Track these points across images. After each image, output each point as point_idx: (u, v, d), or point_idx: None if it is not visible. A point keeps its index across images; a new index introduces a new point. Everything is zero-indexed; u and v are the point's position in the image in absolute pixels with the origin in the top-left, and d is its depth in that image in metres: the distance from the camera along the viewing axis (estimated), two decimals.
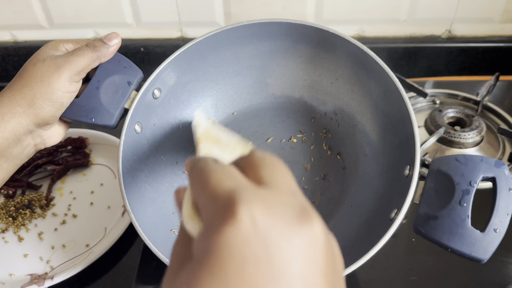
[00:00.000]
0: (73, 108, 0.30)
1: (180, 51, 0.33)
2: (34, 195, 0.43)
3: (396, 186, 0.29)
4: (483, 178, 0.25)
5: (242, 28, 0.33)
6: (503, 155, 0.44)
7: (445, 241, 0.24)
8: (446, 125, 0.45)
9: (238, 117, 0.38)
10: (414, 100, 0.52)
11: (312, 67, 0.36)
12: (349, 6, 0.55)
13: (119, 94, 0.31)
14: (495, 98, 0.53)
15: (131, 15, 0.57)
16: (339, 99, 0.36)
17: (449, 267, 0.34)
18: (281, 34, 0.34)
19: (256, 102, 0.38)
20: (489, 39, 0.58)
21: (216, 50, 0.35)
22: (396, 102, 0.30)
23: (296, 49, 0.36)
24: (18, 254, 0.37)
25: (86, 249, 0.37)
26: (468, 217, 0.24)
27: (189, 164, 0.15)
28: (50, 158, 0.45)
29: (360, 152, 0.35)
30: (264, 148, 0.37)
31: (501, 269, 0.34)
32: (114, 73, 0.31)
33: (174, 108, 0.35)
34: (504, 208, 0.24)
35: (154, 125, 0.34)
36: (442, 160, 0.26)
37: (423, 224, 0.25)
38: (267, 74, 0.37)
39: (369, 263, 0.34)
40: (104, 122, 0.30)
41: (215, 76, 0.37)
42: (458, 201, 0.24)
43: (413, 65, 0.59)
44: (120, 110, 0.31)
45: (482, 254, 0.23)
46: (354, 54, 0.33)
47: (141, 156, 0.33)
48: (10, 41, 0.60)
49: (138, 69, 0.32)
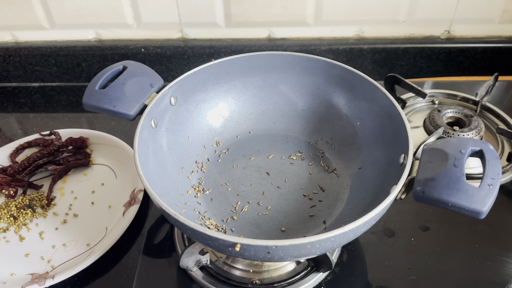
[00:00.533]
0: (98, 95, 0.33)
1: (199, 68, 0.38)
2: (35, 195, 0.43)
3: (392, 176, 0.30)
4: (472, 151, 0.27)
5: (253, 58, 0.40)
6: (502, 155, 0.45)
7: (444, 196, 0.25)
8: (445, 125, 0.46)
9: (241, 140, 0.42)
10: (413, 101, 0.52)
11: (311, 98, 0.41)
12: (349, 7, 0.55)
13: (142, 91, 0.34)
14: (494, 98, 0.53)
15: (132, 16, 0.57)
16: (333, 127, 0.40)
17: (448, 267, 0.34)
18: (285, 67, 0.40)
19: (259, 127, 0.42)
20: (488, 39, 0.58)
21: (228, 76, 0.40)
22: (386, 107, 0.33)
23: (297, 82, 0.41)
24: (19, 253, 0.37)
25: (87, 249, 0.37)
26: (463, 175, 0.25)
27: None
28: (51, 158, 0.45)
29: (356, 166, 0.37)
30: (266, 162, 0.39)
31: (500, 268, 0.34)
32: (139, 75, 0.36)
33: (186, 119, 0.39)
34: (494, 169, 0.26)
35: (167, 128, 0.37)
36: (433, 142, 0.29)
37: (422, 186, 0.26)
38: (269, 104, 0.42)
39: (369, 263, 0.35)
40: (125, 110, 0.33)
41: (224, 100, 0.41)
42: (453, 164, 0.26)
43: (412, 66, 0.60)
44: (140, 104, 0.34)
45: (480, 205, 0.24)
46: (347, 80, 0.38)
47: (152, 148, 0.34)
48: (11, 41, 0.60)
49: (160, 77, 0.37)
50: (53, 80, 0.62)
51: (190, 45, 0.58)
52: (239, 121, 0.42)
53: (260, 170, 0.38)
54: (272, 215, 0.35)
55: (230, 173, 0.38)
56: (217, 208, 0.35)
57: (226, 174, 0.38)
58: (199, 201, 0.36)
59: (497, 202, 0.40)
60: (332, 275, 0.33)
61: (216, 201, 0.36)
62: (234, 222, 0.34)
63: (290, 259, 0.25)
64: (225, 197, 0.36)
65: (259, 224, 0.34)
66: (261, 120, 0.42)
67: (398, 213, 0.39)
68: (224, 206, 0.35)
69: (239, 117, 0.42)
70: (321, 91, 0.40)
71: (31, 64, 0.60)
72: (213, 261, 0.34)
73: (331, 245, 0.25)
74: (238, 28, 0.58)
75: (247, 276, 0.33)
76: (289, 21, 0.57)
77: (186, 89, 0.38)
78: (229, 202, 0.36)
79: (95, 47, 0.59)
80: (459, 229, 0.37)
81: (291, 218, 0.34)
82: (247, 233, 0.33)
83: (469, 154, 0.27)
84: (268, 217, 0.34)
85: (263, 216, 0.35)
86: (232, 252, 0.24)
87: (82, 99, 0.34)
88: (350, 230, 0.24)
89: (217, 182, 0.37)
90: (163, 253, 0.35)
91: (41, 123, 0.54)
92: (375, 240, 0.36)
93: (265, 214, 0.35)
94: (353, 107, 0.38)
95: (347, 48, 0.58)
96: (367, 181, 0.34)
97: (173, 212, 0.25)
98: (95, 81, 0.34)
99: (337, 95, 0.39)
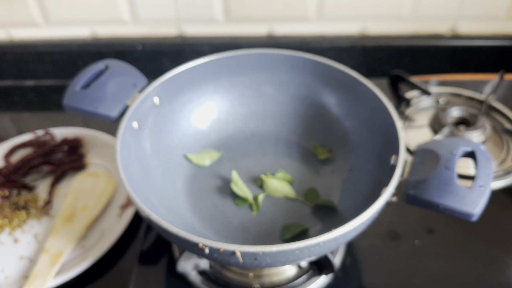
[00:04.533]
0: (79, 97, 0.32)
1: (184, 68, 0.36)
2: (30, 196, 0.42)
3: (384, 178, 0.29)
4: (463, 151, 0.27)
5: (240, 58, 0.38)
6: (507, 155, 0.44)
7: (436, 199, 0.24)
8: (450, 124, 0.45)
9: (229, 141, 0.40)
10: (418, 99, 0.51)
11: (301, 98, 0.40)
12: (352, 3, 0.54)
13: (124, 91, 0.33)
14: (500, 97, 0.52)
15: (128, 11, 0.56)
16: (323, 128, 0.39)
17: (453, 270, 0.33)
18: (273, 66, 0.39)
19: (248, 128, 0.41)
20: (494, 37, 0.57)
21: (215, 75, 0.39)
22: (381, 113, 0.33)
23: (287, 81, 0.40)
24: (14, 255, 0.37)
25: (83, 252, 0.36)
26: (454, 177, 0.25)
27: None
28: (46, 159, 0.44)
29: (347, 167, 0.36)
30: (255, 164, 0.39)
31: (506, 271, 0.33)
32: (121, 75, 0.34)
33: (171, 121, 0.37)
34: (486, 171, 0.26)
35: (151, 130, 0.35)
36: (426, 143, 0.29)
37: (413, 188, 0.26)
38: (258, 104, 0.41)
39: (373, 266, 0.34)
40: (107, 112, 0.32)
41: (211, 100, 0.40)
42: (444, 166, 0.26)
43: (416, 63, 0.59)
44: (122, 105, 0.33)
45: (472, 208, 0.24)
46: (337, 79, 0.37)
47: (135, 151, 0.33)
48: (5, 39, 0.59)
49: (143, 76, 0.35)
50: (48, 78, 0.61)
51: (188, 42, 0.57)
52: (227, 122, 0.41)
53: (249, 173, 0.37)
54: (261, 219, 0.34)
55: (218, 176, 0.37)
56: (203, 212, 0.34)
57: (213, 177, 0.37)
58: (185, 205, 0.35)
59: (503, 204, 0.39)
60: (334, 279, 0.33)
61: (203, 205, 0.35)
62: (221, 227, 0.33)
63: (279, 264, 0.24)
64: (212, 201, 0.35)
65: (247, 229, 0.33)
66: (250, 120, 0.41)
67: (402, 215, 0.38)
68: (211, 210, 0.34)
69: (227, 118, 0.41)
70: (311, 91, 0.39)
71: (26, 62, 0.59)
72: (212, 265, 0.33)
73: (320, 250, 0.24)
74: (237, 24, 0.57)
75: (247, 280, 0.32)
76: (290, 17, 0.56)
77: (171, 89, 0.36)
78: (216, 206, 0.35)
79: (91, 44, 0.57)
80: (464, 232, 0.36)
81: (281, 222, 0.33)
82: (235, 238, 0.32)
83: (461, 155, 0.27)
84: (257, 222, 0.33)
85: (252, 221, 0.34)
86: (219, 259, 0.23)
87: (63, 100, 0.33)
88: (340, 235, 0.23)
89: (204, 186, 0.36)
90: (161, 256, 0.35)
91: (35, 122, 0.53)
92: (378, 243, 0.35)
93: (253, 219, 0.34)
94: (344, 107, 0.37)
95: (349, 46, 0.57)
96: (359, 183, 0.34)
97: (156, 218, 0.24)
98: (76, 81, 0.33)
99: (327, 95, 0.38)
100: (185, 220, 0.33)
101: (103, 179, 0.42)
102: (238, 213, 0.34)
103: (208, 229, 0.33)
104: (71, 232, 0.37)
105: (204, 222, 0.34)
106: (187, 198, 0.35)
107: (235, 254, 0.22)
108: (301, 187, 0.36)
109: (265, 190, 0.36)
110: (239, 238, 0.32)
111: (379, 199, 0.25)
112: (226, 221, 0.34)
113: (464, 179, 0.40)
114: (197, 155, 0.38)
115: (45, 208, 0.41)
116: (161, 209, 0.31)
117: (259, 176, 0.37)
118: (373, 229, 0.36)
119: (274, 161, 0.39)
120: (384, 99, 0.32)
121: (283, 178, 0.36)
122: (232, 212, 0.34)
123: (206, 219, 0.34)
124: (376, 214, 0.25)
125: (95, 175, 0.43)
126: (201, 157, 0.38)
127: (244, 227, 0.33)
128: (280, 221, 0.34)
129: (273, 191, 0.35)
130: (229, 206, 0.35)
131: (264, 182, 0.36)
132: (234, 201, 0.35)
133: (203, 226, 0.33)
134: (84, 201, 0.40)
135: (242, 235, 0.32)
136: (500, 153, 0.44)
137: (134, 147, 0.32)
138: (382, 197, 0.25)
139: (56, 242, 0.36)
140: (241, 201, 0.35)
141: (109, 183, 0.42)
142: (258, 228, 0.33)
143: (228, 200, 0.35)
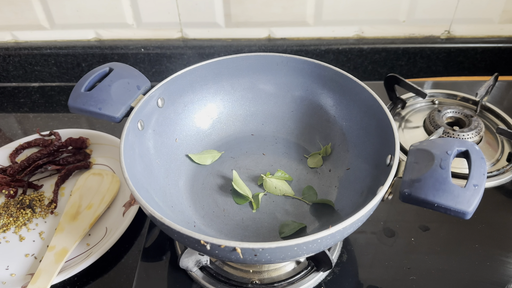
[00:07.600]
0: (83, 98, 0.33)
1: (186, 70, 0.37)
2: (35, 195, 0.43)
3: (379, 177, 0.30)
4: (458, 151, 0.27)
5: (241, 60, 0.39)
6: (501, 155, 0.45)
7: (430, 197, 0.25)
8: (445, 125, 0.46)
9: (230, 141, 0.41)
10: (413, 101, 0.52)
11: (299, 99, 0.41)
12: (349, 7, 0.55)
13: (128, 93, 0.34)
14: (494, 98, 0.53)
15: (132, 15, 0.57)
16: (321, 129, 0.40)
17: (448, 267, 0.34)
18: (273, 68, 0.40)
19: (247, 129, 0.42)
20: (488, 39, 0.58)
21: (216, 77, 0.40)
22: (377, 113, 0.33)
23: (286, 83, 0.40)
24: (19, 253, 0.37)
25: (87, 249, 0.37)
26: (449, 176, 0.25)
27: None
28: (51, 158, 0.45)
29: (344, 167, 0.37)
30: (254, 164, 0.39)
31: (500, 268, 0.34)
32: (125, 77, 0.35)
33: (173, 121, 0.38)
34: (480, 170, 0.26)
35: (154, 130, 0.36)
36: (420, 143, 0.29)
37: (408, 187, 0.26)
38: (258, 106, 0.42)
39: (369, 262, 0.35)
40: (111, 113, 0.33)
41: (212, 101, 0.41)
42: (439, 165, 0.26)
43: (412, 66, 0.60)
44: (126, 106, 0.33)
45: (466, 206, 0.24)
46: (335, 81, 0.38)
47: (139, 151, 0.33)
48: (11, 41, 0.60)
49: (147, 79, 0.36)
50: (53, 80, 0.62)
51: (190, 45, 0.58)
52: (228, 122, 0.42)
53: (249, 172, 0.38)
54: (260, 217, 0.34)
55: (218, 175, 0.38)
56: (205, 210, 0.35)
57: (214, 176, 0.38)
58: (187, 203, 0.36)
59: (497, 202, 0.40)
60: (332, 275, 0.33)
61: (204, 203, 0.36)
62: (222, 224, 0.34)
63: (278, 261, 0.25)
64: (213, 199, 0.36)
65: (247, 227, 0.34)
66: (250, 121, 0.42)
67: (398, 213, 0.39)
68: (212, 208, 0.35)
69: (227, 119, 0.42)
70: (309, 92, 0.40)
71: (31, 64, 0.60)
72: (213, 261, 0.34)
73: (318, 247, 0.24)
74: (238, 28, 0.58)
75: (247, 276, 0.33)
76: (289, 21, 0.57)
77: (173, 90, 0.37)
78: (217, 204, 0.36)
79: (95, 47, 0.58)
80: (459, 229, 0.37)
81: (280, 220, 0.34)
82: (235, 235, 0.33)
83: (455, 154, 0.27)
84: (256, 219, 0.34)
85: (251, 218, 0.34)
86: (219, 255, 0.24)
87: (68, 101, 0.33)
88: (337, 231, 0.24)
89: (205, 184, 0.37)
90: (163, 253, 0.35)
91: (41, 123, 0.54)
92: (375, 240, 0.36)
93: (253, 216, 0.35)
94: (341, 108, 0.38)
95: (347, 48, 0.58)
96: (355, 182, 0.34)
97: (159, 216, 0.24)
98: (81, 83, 0.34)
99: (325, 96, 0.39)
100: (187, 218, 0.34)
101: (107, 178, 0.43)
102: (238, 211, 0.35)
103: (210, 226, 0.34)
104: (75, 229, 0.38)
105: (205, 219, 0.34)
106: (189, 197, 0.36)
107: (236, 251, 0.23)
108: (299, 186, 0.37)
109: (264, 188, 0.37)
110: (239, 235, 0.33)
111: (375, 197, 0.26)
112: (226, 219, 0.34)
113: (459, 178, 0.41)
114: (199, 154, 0.39)
115: (50, 207, 0.42)
116: (164, 207, 0.32)
117: (258, 175, 0.38)
118: (370, 227, 0.37)
119: (273, 161, 0.39)
120: (380, 101, 0.33)
121: (282, 177, 0.37)
122: (232, 210, 0.35)
123: (207, 216, 0.35)
124: (371, 211, 0.26)
125: (99, 174, 0.44)
126: (202, 157, 0.39)
127: (244, 224, 0.34)
128: (279, 219, 0.34)
129: (273, 190, 0.36)
130: (230, 204, 0.36)
131: (264, 181, 0.37)
132: (235, 199, 0.36)
133: (204, 223, 0.34)
134: (88, 200, 0.41)
135: (242, 232, 0.33)
136: (495, 153, 0.45)
137: (137, 147, 0.33)
138: (377, 195, 0.26)
139: (61, 240, 0.37)
140: (241, 199, 0.36)
141: (113, 182, 0.43)
142: (258, 225, 0.34)
143: (229, 198, 0.36)
